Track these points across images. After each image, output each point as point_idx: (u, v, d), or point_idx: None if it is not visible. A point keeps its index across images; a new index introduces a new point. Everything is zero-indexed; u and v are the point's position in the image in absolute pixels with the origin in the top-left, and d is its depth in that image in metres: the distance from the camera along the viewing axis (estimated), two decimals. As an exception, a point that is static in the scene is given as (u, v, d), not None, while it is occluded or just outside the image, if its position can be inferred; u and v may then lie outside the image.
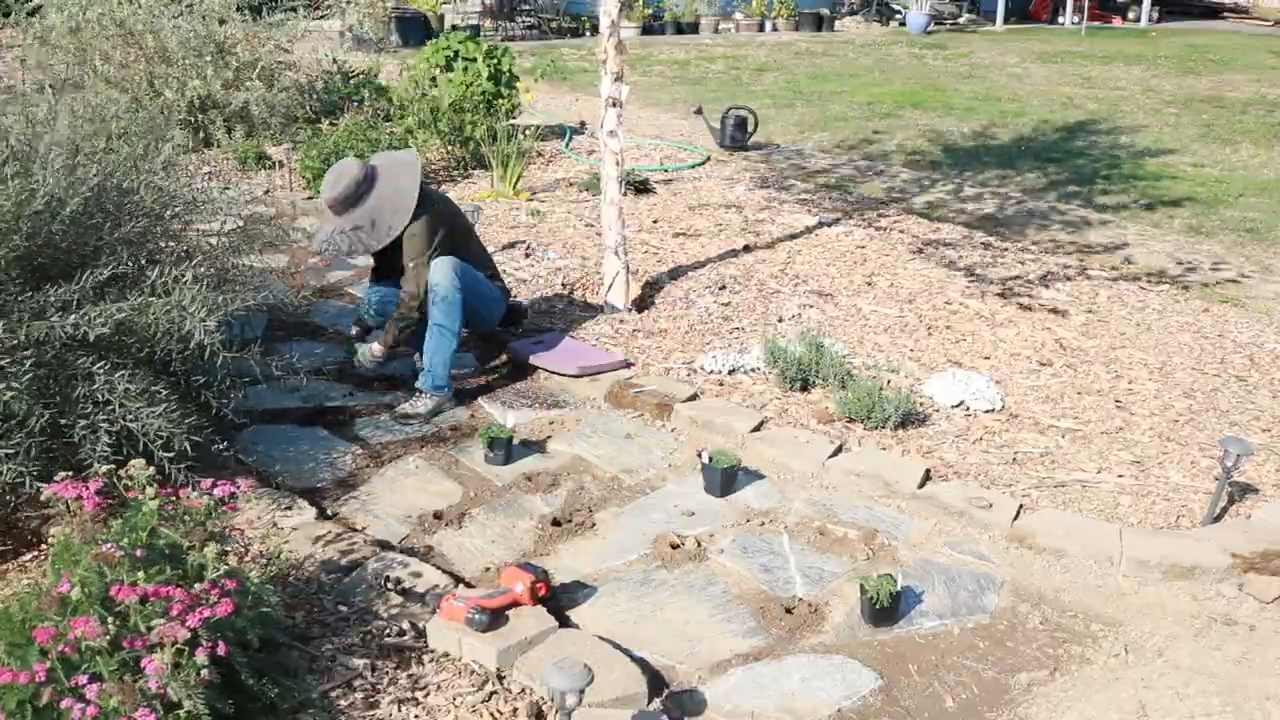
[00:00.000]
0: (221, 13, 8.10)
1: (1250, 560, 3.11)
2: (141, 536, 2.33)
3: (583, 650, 2.58)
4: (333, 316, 4.97)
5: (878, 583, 2.84)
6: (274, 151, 7.58)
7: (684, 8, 18.18)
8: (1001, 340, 4.84)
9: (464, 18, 16.51)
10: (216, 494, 2.51)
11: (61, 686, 2.03)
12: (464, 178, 7.52)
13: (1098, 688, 2.65)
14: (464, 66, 7.77)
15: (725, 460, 3.47)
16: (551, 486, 3.54)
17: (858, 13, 20.27)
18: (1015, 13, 20.85)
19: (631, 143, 7.95)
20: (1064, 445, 3.87)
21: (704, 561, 3.14)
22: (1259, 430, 4.04)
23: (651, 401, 4.05)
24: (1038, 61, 14.81)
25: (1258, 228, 6.87)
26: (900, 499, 3.46)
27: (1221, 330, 5.08)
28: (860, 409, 3.92)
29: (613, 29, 4.82)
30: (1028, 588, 3.06)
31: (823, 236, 6.35)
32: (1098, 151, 9.10)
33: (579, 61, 13.65)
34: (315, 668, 2.57)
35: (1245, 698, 2.63)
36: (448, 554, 3.15)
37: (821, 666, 2.70)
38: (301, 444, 3.75)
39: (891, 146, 9.21)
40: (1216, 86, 12.71)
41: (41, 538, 2.93)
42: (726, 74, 13.33)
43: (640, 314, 5.00)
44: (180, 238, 3.73)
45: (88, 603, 2.14)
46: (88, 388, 2.89)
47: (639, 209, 6.69)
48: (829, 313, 5.10)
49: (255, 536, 3.00)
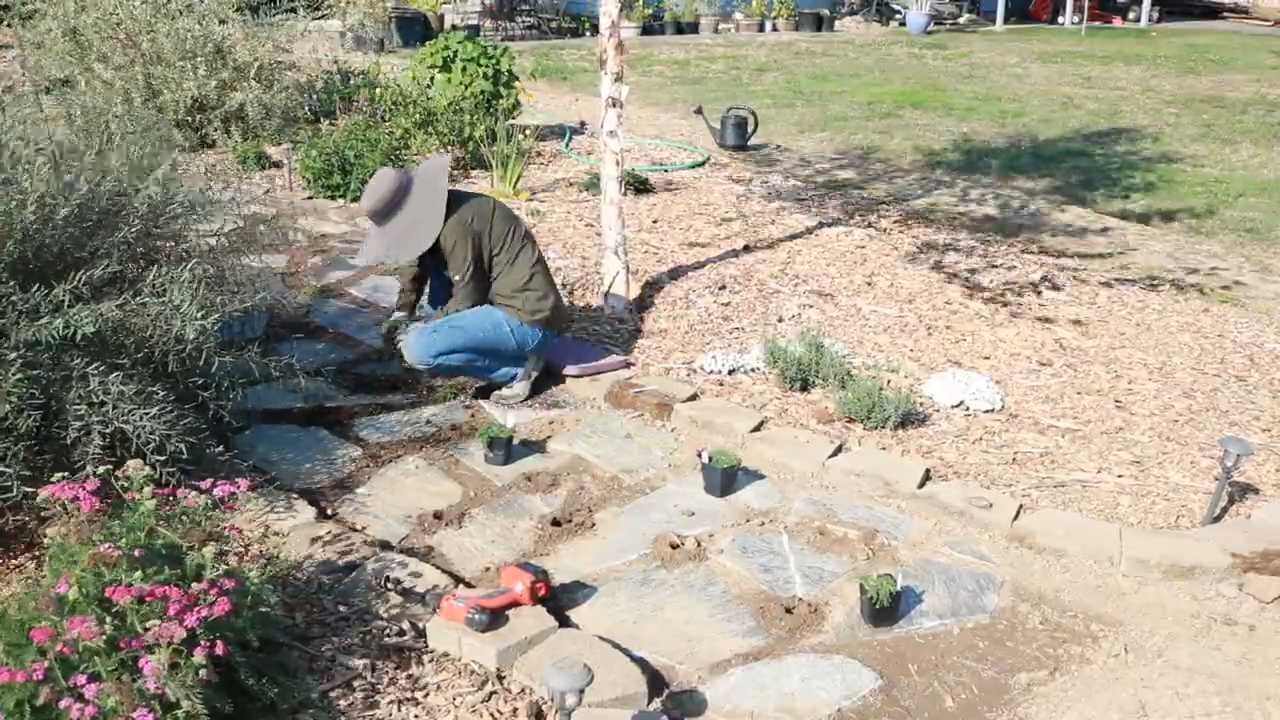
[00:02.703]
0: (221, 13, 8.10)
1: (1250, 560, 3.11)
2: (139, 537, 2.32)
3: (582, 650, 2.58)
4: (333, 316, 4.96)
5: (878, 583, 2.83)
6: (274, 152, 7.58)
7: (684, 8, 18.18)
8: (1001, 340, 4.84)
9: (464, 18, 16.52)
10: (215, 494, 2.50)
11: (59, 686, 2.03)
12: (464, 178, 7.51)
13: (1098, 688, 2.65)
14: (462, 67, 7.77)
15: (725, 460, 3.47)
16: (551, 486, 3.54)
17: (858, 13, 20.28)
18: (1015, 13, 20.85)
19: (631, 143, 7.95)
20: (1064, 445, 3.87)
21: (704, 561, 3.14)
22: (1259, 430, 4.03)
23: (651, 401, 4.05)
24: (1038, 61, 14.81)
25: (1258, 228, 6.87)
26: (900, 499, 3.45)
27: (1221, 330, 5.08)
28: (860, 409, 3.92)
29: (613, 29, 4.81)
30: (1028, 588, 3.06)
31: (823, 236, 6.34)
32: (1098, 152, 9.09)
33: (579, 61, 13.65)
34: (315, 668, 2.57)
35: (1245, 698, 2.63)
36: (448, 554, 3.15)
37: (821, 666, 2.69)
38: (301, 444, 3.75)
39: (892, 147, 9.20)
40: (1216, 86, 12.70)
41: (38, 539, 2.93)
42: (726, 74, 13.32)
43: (640, 314, 5.00)
44: (179, 238, 3.72)
45: (85, 603, 2.14)
46: (82, 389, 2.88)
47: (639, 209, 6.69)
48: (829, 313, 5.10)
49: (254, 537, 3.00)
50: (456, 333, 3.95)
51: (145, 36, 7.77)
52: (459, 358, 3.98)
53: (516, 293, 4.04)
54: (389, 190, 3.92)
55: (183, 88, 7.71)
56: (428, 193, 3.95)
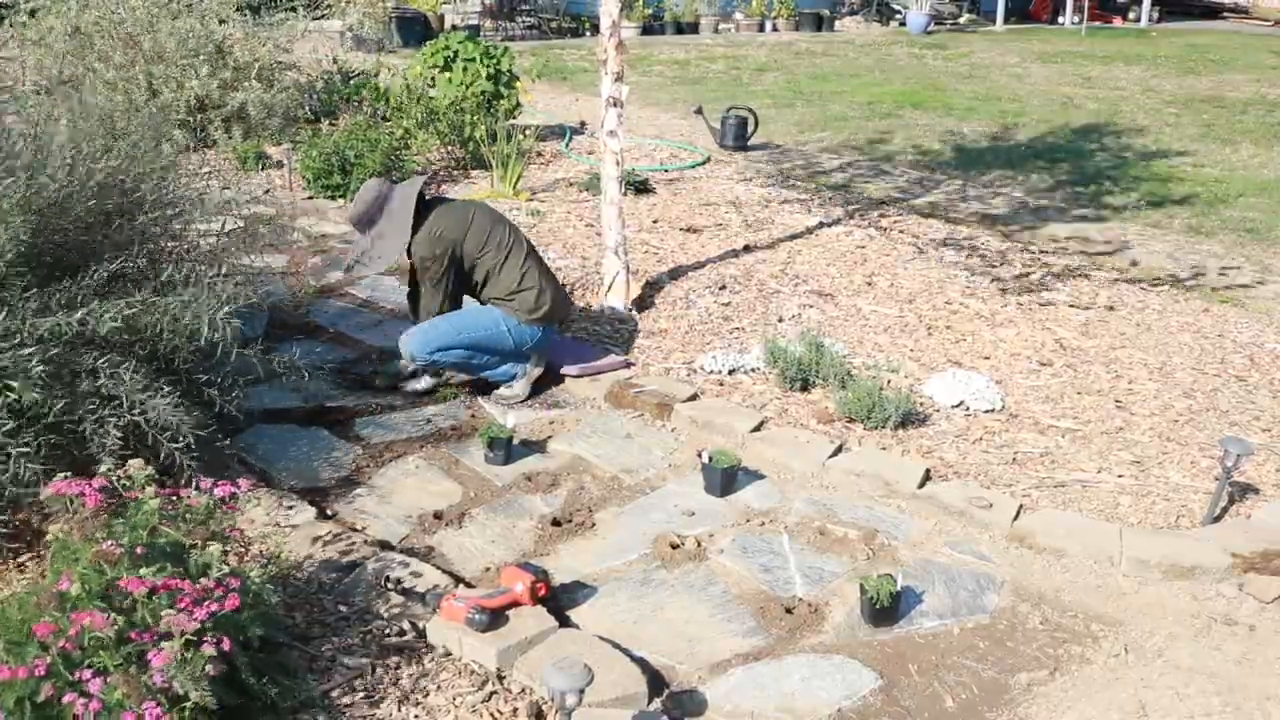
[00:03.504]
0: (221, 12, 8.10)
1: (1250, 560, 3.11)
2: (142, 535, 2.33)
3: (583, 650, 2.58)
4: (332, 316, 4.97)
5: (878, 583, 2.83)
6: (274, 151, 7.58)
7: (684, 8, 18.18)
8: (1001, 340, 4.84)
9: (464, 18, 16.52)
10: (217, 494, 2.51)
11: (62, 682, 2.03)
12: (464, 178, 7.51)
13: (1098, 688, 2.65)
14: (463, 67, 7.77)
15: (725, 460, 3.47)
16: (551, 486, 3.54)
17: (858, 13, 20.28)
18: (1015, 13, 20.85)
19: (631, 143, 7.95)
20: (1064, 445, 3.87)
21: (704, 561, 3.14)
22: (1259, 430, 4.03)
23: (651, 401, 4.05)
24: (1038, 61, 14.81)
25: (1258, 228, 6.87)
26: (900, 499, 3.46)
27: (1221, 330, 5.08)
28: (860, 409, 3.92)
29: (613, 29, 4.82)
30: (1028, 588, 3.06)
31: (823, 236, 6.34)
32: (1098, 151, 9.10)
33: (579, 61, 13.65)
34: (315, 667, 2.57)
35: (1245, 698, 2.63)
36: (448, 554, 3.15)
37: (821, 666, 2.70)
38: (302, 444, 3.75)
39: (892, 147, 9.21)
40: (1216, 86, 12.71)
41: (41, 537, 2.93)
42: (726, 74, 13.32)
43: (640, 314, 5.00)
44: (180, 237, 3.73)
45: (87, 600, 2.14)
46: (94, 383, 2.90)
47: (639, 209, 6.69)
48: (829, 313, 5.10)
49: (255, 536, 3.00)
50: (454, 330, 4.03)
51: (147, 35, 7.77)
52: (456, 354, 4.05)
53: (512, 294, 4.09)
54: (365, 203, 4.08)
55: (184, 87, 7.72)
56: (397, 210, 4.05)
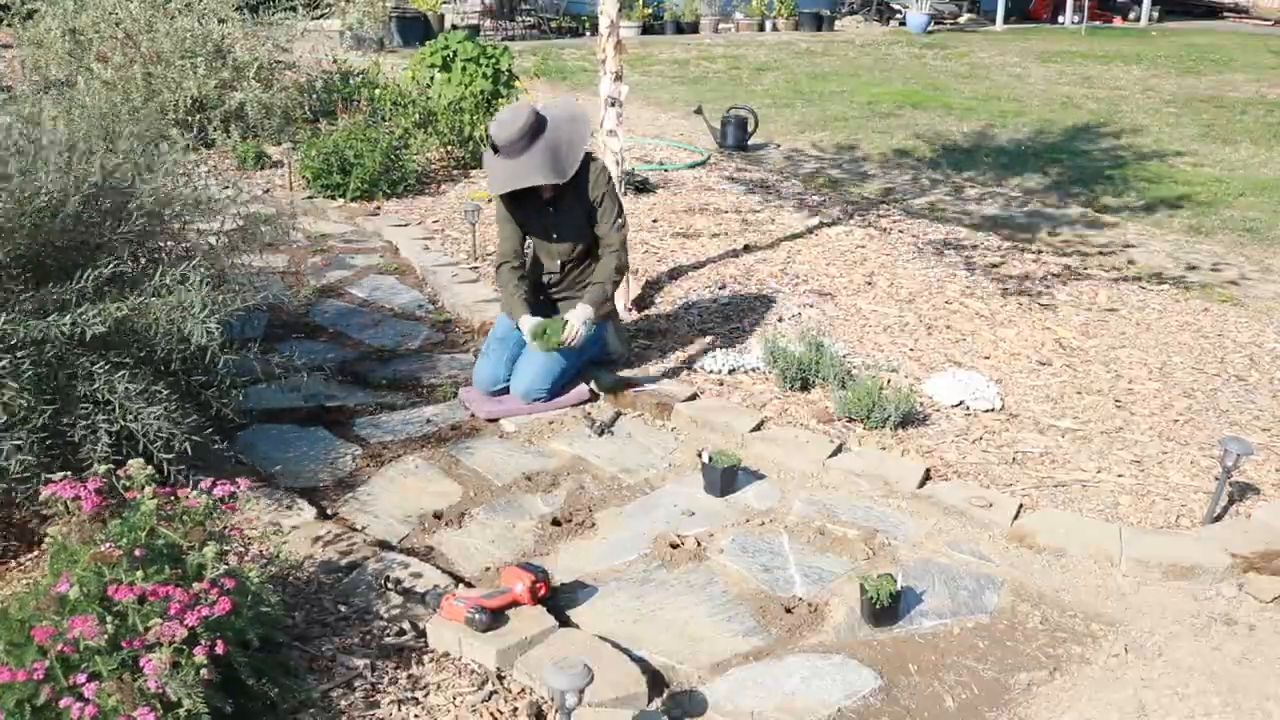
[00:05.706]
0: (220, 12, 8.10)
1: (1250, 560, 3.11)
2: (140, 536, 2.32)
3: (583, 650, 2.58)
4: (333, 316, 4.97)
5: (878, 582, 2.83)
6: (274, 151, 7.58)
7: (684, 7, 18.19)
8: (1001, 340, 4.84)
9: (464, 17, 16.53)
10: (216, 494, 2.50)
11: (60, 686, 2.03)
12: (464, 178, 7.51)
13: (1098, 687, 2.65)
14: (462, 66, 7.76)
15: (725, 460, 3.47)
16: (551, 486, 3.54)
17: (858, 12, 20.29)
18: (1015, 12, 20.86)
19: (631, 142, 7.95)
20: (1064, 445, 3.87)
21: (704, 561, 3.14)
22: (1259, 430, 4.03)
23: (651, 401, 4.05)
24: (1038, 61, 14.81)
25: (1258, 228, 6.87)
26: (900, 499, 3.45)
27: (1221, 330, 5.08)
28: (860, 409, 3.92)
29: (611, 29, 4.82)
30: (1028, 587, 3.06)
31: (822, 236, 6.34)
32: (1098, 151, 9.10)
33: (579, 61, 13.65)
34: (315, 668, 2.57)
35: (1245, 698, 2.63)
36: (448, 554, 3.15)
37: (821, 666, 2.69)
38: (301, 444, 3.75)
39: (891, 146, 9.21)
40: (1216, 86, 12.71)
41: (40, 538, 2.93)
42: (726, 74, 13.32)
43: (640, 313, 5.00)
44: (180, 237, 3.72)
45: (86, 602, 2.13)
46: (88, 387, 2.89)
47: (639, 209, 6.69)
48: (829, 312, 5.10)
49: (255, 536, 2.99)
50: (571, 352, 3.89)
51: (145, 36, 7.77)
52: (567, 377, 3.95)
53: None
54: (527, 121, 3.77)
55: (182, 87, 7.71)
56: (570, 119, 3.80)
